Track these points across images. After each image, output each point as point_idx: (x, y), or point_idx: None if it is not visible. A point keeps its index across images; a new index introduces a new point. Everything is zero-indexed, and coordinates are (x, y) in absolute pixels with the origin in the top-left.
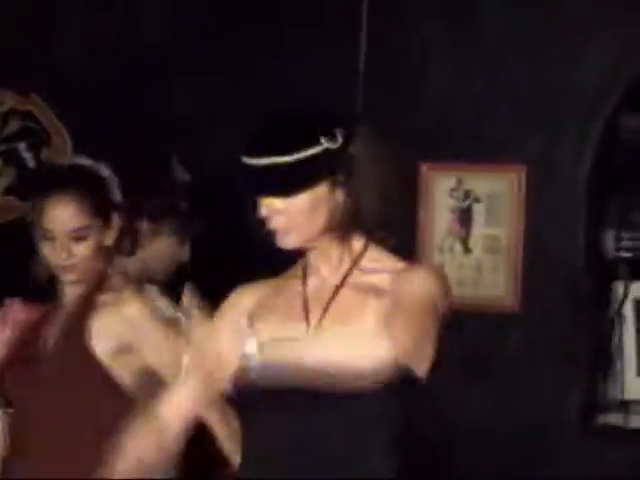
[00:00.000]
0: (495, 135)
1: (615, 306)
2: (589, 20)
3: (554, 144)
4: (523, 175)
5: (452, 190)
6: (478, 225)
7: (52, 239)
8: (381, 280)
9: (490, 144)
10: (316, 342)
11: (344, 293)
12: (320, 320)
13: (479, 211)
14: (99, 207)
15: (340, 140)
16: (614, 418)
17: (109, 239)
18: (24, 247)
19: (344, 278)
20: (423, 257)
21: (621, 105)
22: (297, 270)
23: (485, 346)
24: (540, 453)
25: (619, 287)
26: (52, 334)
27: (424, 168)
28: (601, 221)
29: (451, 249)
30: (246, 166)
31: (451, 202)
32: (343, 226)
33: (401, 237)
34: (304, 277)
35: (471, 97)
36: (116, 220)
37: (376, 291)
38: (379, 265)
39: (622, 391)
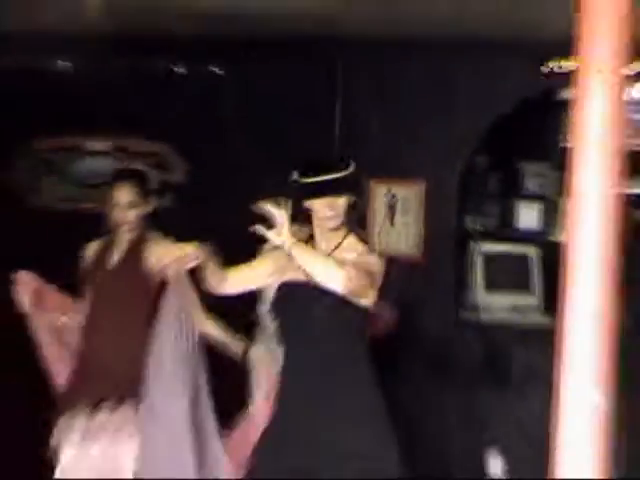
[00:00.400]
0: (407, 165)
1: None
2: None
3: (441, 169)
4: (424, 186)
5: (384, 195)
6: (398, 214)
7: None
8: (351, 255)
9: (405, 170)
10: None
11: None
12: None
13: (399, 206)
14: (144, 193)
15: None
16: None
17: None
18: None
19: (335, 248)
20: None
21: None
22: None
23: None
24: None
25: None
26: (115, 258)
27: (371, 182)
28: (465, 210)
29: (384, 225)
30: (317, 182)
31: (385, 201)
32: (350, 216)
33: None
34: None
35: (395, 145)
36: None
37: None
38: (352, 247)
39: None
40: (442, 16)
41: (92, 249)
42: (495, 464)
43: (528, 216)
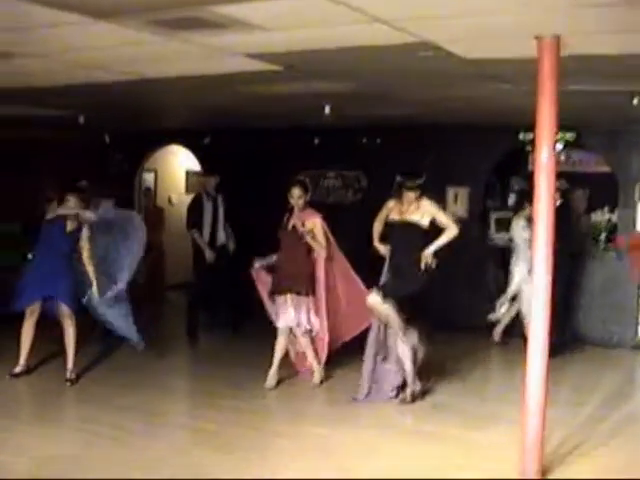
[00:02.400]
0: (461, 179)
1: (489, 218)
2: None
3: (476, 181)
4: (469, 189)
5: (452, 192)
6: (459, 200)
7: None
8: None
9: (460, 181)
10: None
11: None
12: None
13: (459, 197)
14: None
15: None
16: (489, 242)
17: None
18: None
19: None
20: (448, 207)
21: None
22: None
23: None
24: None
25: (491, 214)
26: (293, 222)
27: (447, 186)
28: (486, 198)
29: (453, 205)
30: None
31: (452, 194)
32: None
33: None
34: None
35: (456, 172)
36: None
37: None
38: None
39: (491, 236)
40: (471, 113)
41: (285, 218)
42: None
43: (511, 200)
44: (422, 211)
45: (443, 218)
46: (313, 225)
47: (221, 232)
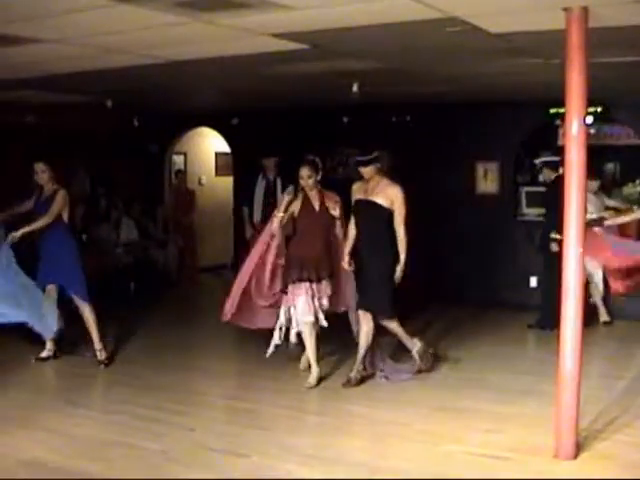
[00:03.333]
0: (491, 154)
1: (519, 192)
2: None
3: (506, 156)
4: (499, 163)
5: (481, 167)
6: (489, 176)
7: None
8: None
9: (491, 156)
10: None
11: None
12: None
13: (488, 173)
14: (317, 169)
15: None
16: (520, 217)
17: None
18: None
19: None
20: (477, 183)
21: None
22: None
23: None
24: None
25: (521, 188)
26: (314, 203)
27: (476, 163)
28: (517, 173)
29: (483, 181)
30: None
31: (482, 170)
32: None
33: None
34: None
35: (487, 147)
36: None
37: None
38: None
39: (521, 211)
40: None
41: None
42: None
43: (541, 176)
44: (385, 195)
45: (398, 218)
46: (339, 206)
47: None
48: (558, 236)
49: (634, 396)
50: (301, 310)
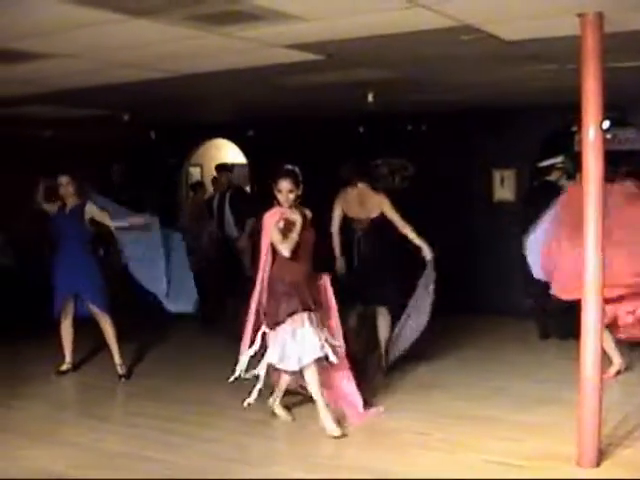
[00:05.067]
0: (508, 162)
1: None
2: None
3: (522, 163)
4: (515, 171)
5: (498, 175)
6: (505, 183)
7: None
8: None
9: (507, 164)
10: None
11: None
12: None
13: (505, 180)
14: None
15: None
16: None
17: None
18: None
19: None
20: (494, 191)
21: None
22: None
23: None
24: None
25: None
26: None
27: (493, 170)
28: (532, 179)
29: (500, 188)
30: None
31: (498, 178)
32: None
33: None
34: None
35: (504, 155)
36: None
37: None
38: None
39: None
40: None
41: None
42: None
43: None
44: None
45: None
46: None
47: None
48: None
49: None
50: (311, 345)
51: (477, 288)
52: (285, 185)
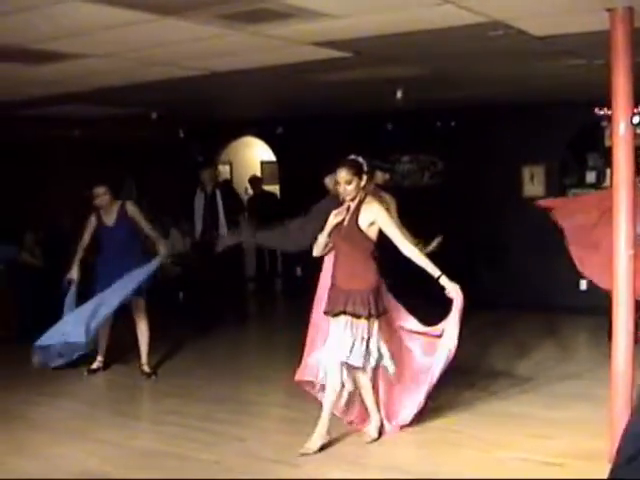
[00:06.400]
0: (537, 157)
1: (567, 193)
2: None
3: (552, 159)
4: (544, 166)
5: (527, 171)
6: (535, 179)
7: (339, 184)
8: None
9: (536, 160)
10: None
11: None
12: None
13: (535, 176)
14: (358, 172)
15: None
16: None
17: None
18: None
19: None
20: (522, 187)
21: None
22: None
23: None
24: None
25: (568, 190)
26: (346, 218)
27: (522, 166)
28: (563, 176)
29: (529, 184)
30: None
31: (527, 173)
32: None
33: None
34: None
35: (534, 151)
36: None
37: None
38: None
39: None
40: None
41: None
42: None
43: (590, 177)
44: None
45: None
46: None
47: None
48: None
49: None
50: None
51: (506, 283)
52: (342, 175)
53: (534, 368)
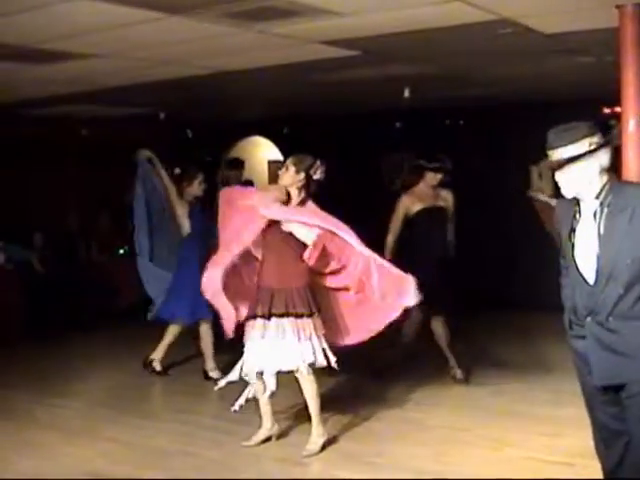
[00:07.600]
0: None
1: None
2: None
3: None
4: None
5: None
6: (543, 177)
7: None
8: None
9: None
10: None
11: None
12: None
13: (542, 174)
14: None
15: None
16: None
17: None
18: None
19: None
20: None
21: None
22: None
23: None
24: None
25: None
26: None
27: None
28: None
29: (540, 182)
30: None
31: (536, 171)
32: None
33: None
34: None
35: None
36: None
37: None
38: None
39: None
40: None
41: None
42: None
43: None
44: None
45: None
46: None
47: None
48: None
49: None
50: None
51: (512, 283)
52: (288, 160)
53: (541, 365)
